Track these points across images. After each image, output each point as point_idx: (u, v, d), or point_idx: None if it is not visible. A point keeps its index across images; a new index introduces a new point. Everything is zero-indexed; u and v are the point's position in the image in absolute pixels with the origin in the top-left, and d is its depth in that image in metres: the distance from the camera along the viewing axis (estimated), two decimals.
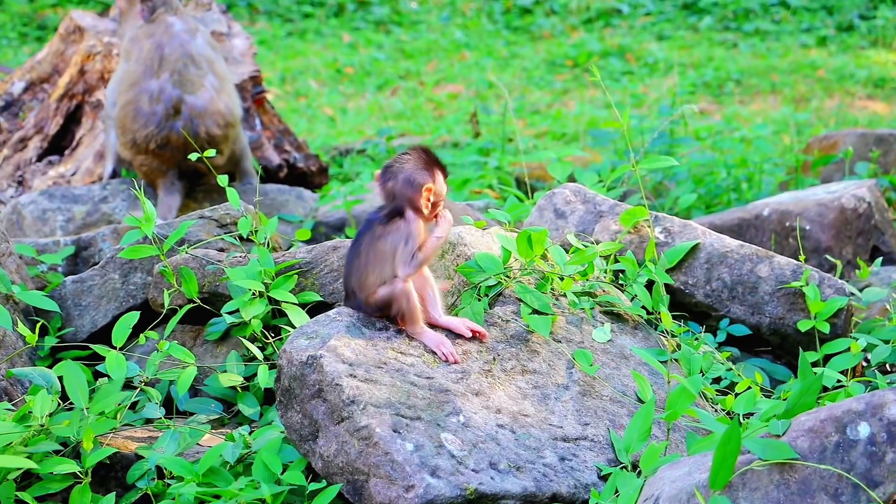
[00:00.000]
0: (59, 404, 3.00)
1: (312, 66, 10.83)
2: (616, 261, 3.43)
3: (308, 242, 4.67)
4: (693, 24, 11.73)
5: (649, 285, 3.41)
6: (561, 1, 12.43)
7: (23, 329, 3.37)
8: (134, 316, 3.29)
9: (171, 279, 3.49)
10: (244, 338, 3.32)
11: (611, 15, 12.16)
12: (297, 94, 10.07)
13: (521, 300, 3.12)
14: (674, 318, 3.43)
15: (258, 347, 3.28)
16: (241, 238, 3.76)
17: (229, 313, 3.39)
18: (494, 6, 12.52)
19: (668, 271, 3.51)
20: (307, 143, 6.64)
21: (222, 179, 3.59)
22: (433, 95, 9.78)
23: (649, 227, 3.57)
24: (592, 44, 10.99)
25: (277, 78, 10.33)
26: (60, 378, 3.12)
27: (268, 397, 3.31)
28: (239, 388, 3.29)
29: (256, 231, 3.63)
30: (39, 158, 5.66)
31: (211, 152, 3.64)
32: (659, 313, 3.27)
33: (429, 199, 2.88)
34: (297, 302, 3.34)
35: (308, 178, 6.11)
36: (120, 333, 3.24)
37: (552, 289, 3.19)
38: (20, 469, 2.78)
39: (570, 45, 11.10)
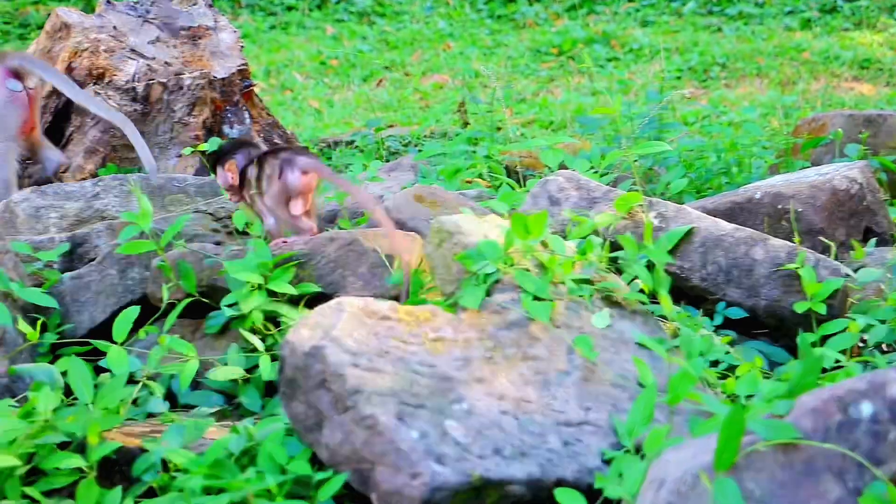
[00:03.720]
0: (62, 400, 3.01)
1: (297, 58, 10.83)
2: (613, 248, 3.44)
3: None
4: (676, 8, 11.75)
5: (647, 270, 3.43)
6: None
7: (23, 326, 3.38)
8: (134, 311, 3.30)
9: (170, 274, 3.50)
10: (244, 330, 3.33)
11: (594, 1, 12.17)
12: (282, 87, 10.07)
13: (519, 287, 3.13)
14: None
15: (259, 339, 3.29)
16: (237, 231, 3.77)
17: (228, 306, 3.40)
18: None
19: None
20: (296, 136, 6.64)
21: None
22: (419, 86, 9.78)
23: (644, 212, 3.59)
24: (577, 31, 11.00)
25: (262, 71, 10.32)
26: (62, 374, 3.13)
27: (269, 389, 3.32)
28: (240, 381, 3.30)
29: (251, 224, 3.64)
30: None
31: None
32: (657, 297, 3.29)
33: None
34: (297, 293, 3.35)
35: None
36: (121, 329, 3.25)
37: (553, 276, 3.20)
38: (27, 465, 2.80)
39: (554, 33, 11.11)
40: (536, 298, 3.08)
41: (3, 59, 5.03)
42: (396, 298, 3.28)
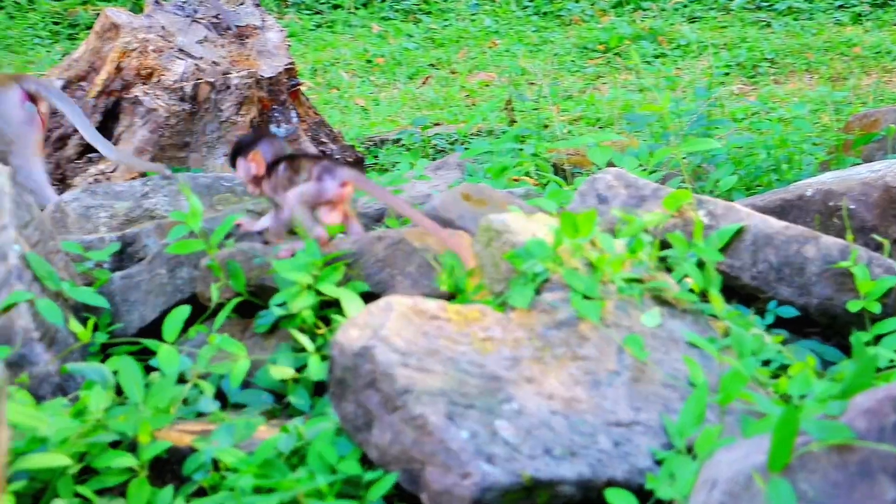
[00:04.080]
0: (113, 399, 3.03)
1: (343, 57, 10.85)
2: (662, 247, 3.41)
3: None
4: (724, 4, 11.67)
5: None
6: None
7: (74, 325, 3.41)
8: (185, 310, 3.32)
9: (219, 273, 3.52)
10: (294, 329, 3.33)
11: None
12: (328, 86, 10.09)
13: (569, 286, 3.11)
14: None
15: (308, 339, 3.30)
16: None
17: (278, 305, 3.41)
18: None
19: None
20: (342, 135, 6.65)
21: None
22: (465, 83, 9.77)
23: (693, 210, 3.56)
24: (623, 27, 10.95)
25: (308, 70, 10.34)
26: (113, 373, 3.15)
27: (318, 388, 3.33)
28: (289, 380, 3.30)
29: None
30: (79, 156, 5.69)
31: None
32: (708, 296, 3.27)
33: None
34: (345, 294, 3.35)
35: None
36: (171, 328, 3.27)
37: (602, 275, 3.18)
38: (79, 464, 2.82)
39: (600, 29, 11.06)
40: (586, 297, 3.06)
41: (20, 81, 5.12)
42: (448, 297, 3.28)
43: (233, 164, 3.86)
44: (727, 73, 9.45)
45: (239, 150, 3.83)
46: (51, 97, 5.13)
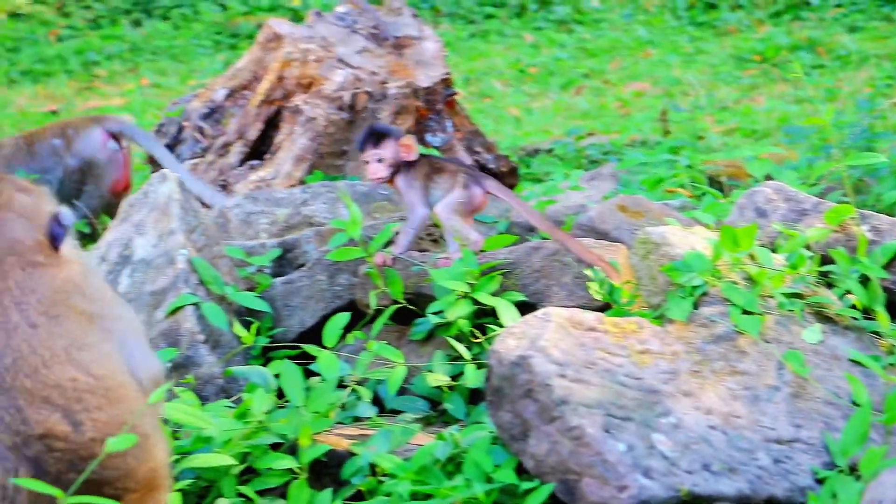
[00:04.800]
0: (274, 402, 3.10)
1: (496, 66, 10.90)
2: (823, 262, 3.35)
3: None
4: (887, 13, 11.38)
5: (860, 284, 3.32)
6: None
7: (238, 329, 3.50)
8: (345, 317, 3.38)
9: (378, 280, 3.57)
10: (450, 337, 3.36)
11: (799, 7, 11.88)
12: (481, 95, 10.15)
13: (727, 300, 3.08)
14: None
15: (464, 347, 3.33)
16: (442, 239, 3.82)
17: (434, 314, 3.45)
18: (678, 1, 12.38)
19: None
20: (496, 144, 6.68)
21: None
22: (620, 94, 9.72)
23: (856, 225, 3.49)
24: (780, 37, 10.76)
25: (461, 79, 10.42)
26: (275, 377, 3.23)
27: (473, 397, 3.35)
28: (444, 388, 3.34)
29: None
30: (241, 163, 5.84)
31: None
32: (871, 312, 3.19)
33: None
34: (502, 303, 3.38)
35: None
36: (331, 334, 3.34)
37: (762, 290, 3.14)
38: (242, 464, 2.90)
39: (756, 40, 10.90)
40: (745, 312, 3.03)
41: (102, 122, 5.29)
42: (603, 309, 3.27)
43: (371, 145, 3.68)
44: (889, 85, 9.21)
45: (387, 133, 3.69)
46: (137, 138, 5.31)
